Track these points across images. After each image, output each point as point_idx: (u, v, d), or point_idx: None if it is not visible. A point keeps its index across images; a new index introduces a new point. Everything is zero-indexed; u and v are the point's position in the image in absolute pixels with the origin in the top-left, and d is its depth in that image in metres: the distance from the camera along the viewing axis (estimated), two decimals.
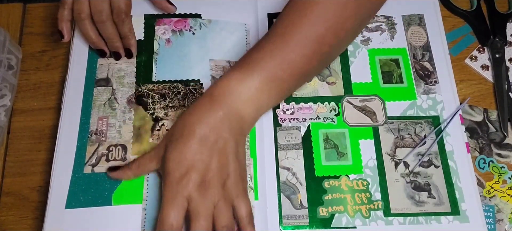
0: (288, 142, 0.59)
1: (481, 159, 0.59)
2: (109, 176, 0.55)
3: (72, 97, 0.60)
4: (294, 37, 0.51)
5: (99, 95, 0.60)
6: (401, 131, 0.59)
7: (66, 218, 0.53)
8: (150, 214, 0.53)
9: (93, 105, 0.59)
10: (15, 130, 0.61)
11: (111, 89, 0.60)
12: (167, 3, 0.64)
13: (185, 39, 0.63)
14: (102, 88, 0.60)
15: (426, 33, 0.65)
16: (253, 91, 0.52)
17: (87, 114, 0.59)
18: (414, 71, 0.63)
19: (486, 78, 0.65)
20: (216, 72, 0.61)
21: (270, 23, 0.65)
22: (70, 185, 0.55)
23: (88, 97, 0.60)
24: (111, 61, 0.62)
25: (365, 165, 0.57)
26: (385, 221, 0.55)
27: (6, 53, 0.61)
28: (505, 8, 0.69)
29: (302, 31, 0.51)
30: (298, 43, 0.51)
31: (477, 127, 0.62)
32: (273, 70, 0.52)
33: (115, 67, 0.61)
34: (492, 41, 0.66)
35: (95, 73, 0.61)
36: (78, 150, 0.57)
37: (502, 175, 0.58)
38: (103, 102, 0.59)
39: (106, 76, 0.61)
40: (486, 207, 0.57)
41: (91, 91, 0.60)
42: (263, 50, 0.52)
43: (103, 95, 0.60)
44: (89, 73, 0.61)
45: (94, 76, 0.61)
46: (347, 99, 0.61)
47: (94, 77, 0.61)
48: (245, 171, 0.53)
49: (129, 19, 0.60)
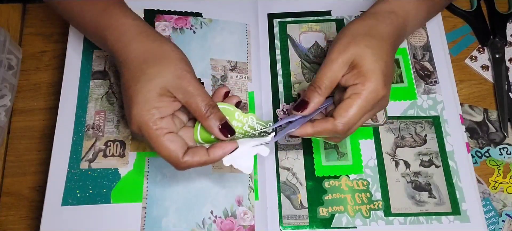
0: (288, 142, 0.59)
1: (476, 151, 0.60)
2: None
3: (68, 90, 0.59)
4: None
5: (95, 89, 0.59)
6: (402, 130, 0.59)
7: (63, 215, 0.53)
8: (150, 213, 0.53)
9: (89, 99, 0.58)
10: (15, 130, 0.61)
11: (109, 83, 0.60)
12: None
13: (185, 37, 0.63)
14: (99, 82, 0.60)
15: (426, 33, 0.65)
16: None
17: (83, 107, 0.58)
18: (414, 71, 0.63)
19: (486, 78, 0.65)
20: (217, 71, 0.61)
21: (270, 23, 0.65)
22: (66, 181, 0.54)
23: (84, 90, 0.59)
24: (107, 53, 0.60)
25: (365, 165, 0.57)
26: (386, 221, 0.55)
27: (6, 53, 0.61)
28: (505, 8, 0.69)
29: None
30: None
31: (477, 127, 0.62)
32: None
33: (112, 60, 0.61)
34: (492, 41, 0.66)
35: (91, 65, 0.60)
36: (74, 144, 0.56)
37: (500, 166, 0.58)
38: (100, 96, 0.59)
39: (103, 68, 0.60)
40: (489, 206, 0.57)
41: (87, 83, 0.59)
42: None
43: (100, 88, 0.59)
44: (84, 64, 0.60)
45: (90, 68, 0.60)
46: None
47: (90, 69, 0.60)
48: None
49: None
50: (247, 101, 0.60)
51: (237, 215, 0.54)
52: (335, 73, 0.48)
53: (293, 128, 0.49)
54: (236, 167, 0.48)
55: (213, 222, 0.53)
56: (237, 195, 0.55)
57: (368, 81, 0.47)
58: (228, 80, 0.61)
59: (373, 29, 0.50)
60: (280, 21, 0.66)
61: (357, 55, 0.48)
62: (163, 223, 0.53)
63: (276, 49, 0.64)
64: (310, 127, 0.48)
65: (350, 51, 0.48)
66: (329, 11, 0.66)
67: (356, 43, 0.48)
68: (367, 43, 0.48)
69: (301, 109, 0.49)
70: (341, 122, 0.47)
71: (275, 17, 0.66)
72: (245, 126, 0.50)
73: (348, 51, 0.48)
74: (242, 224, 0.54)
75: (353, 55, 0.48)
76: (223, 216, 0.54)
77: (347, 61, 0.48)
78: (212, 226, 0.53)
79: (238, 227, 0.54)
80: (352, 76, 0.48)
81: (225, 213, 0.54)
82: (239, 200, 0.55)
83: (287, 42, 0.64)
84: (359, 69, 0.48)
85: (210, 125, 0.48)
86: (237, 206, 0.55)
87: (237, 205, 0.55)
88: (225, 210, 0.54)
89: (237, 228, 0.54)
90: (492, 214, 0.57)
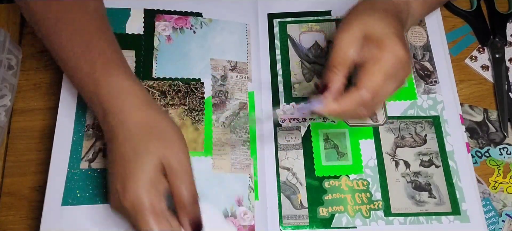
0: (288, 142, 0.59)
1: (476, 151, 0.60)
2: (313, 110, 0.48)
3: (68, 90, 0.59)
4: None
5: None
6: (402, 130, 0.59)
7: (63, 215, 0.53)
8: None
9: None
10: (15, 130, 0.61)
11: None
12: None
13: (185, 37, 0.63)
14: None
15: (426, 33, 0.65)
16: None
17: (83, 107, 0.58)
18: (415, 71, 0.63)
19: (486, 78, 0.65)
20: (217, 71, 0.61)
21: (270, 23, 0.65)
22: (66, 181, 0.54)
23: None
24: None
25: (365, 165, 0.57)
26: (386, 221, 0.55)
27: (6, 53, 0.61)
28: (505, 8, 0.69)
29: None
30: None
31: (477, 127, 0.62)
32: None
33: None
34: (492, 41, 0.66)
35: None
36: (74, 144, 0.56)
37: (500, 166, 0.58)
38: None
39: None
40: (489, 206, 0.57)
41: None
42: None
43: None
44: None
45: None
46: None
47: None
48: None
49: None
50: (247, 101, 0.60)
51: (237, 215, 0.54)
52: (344, 48, 0.46)
53: (315, 105, 0.46)
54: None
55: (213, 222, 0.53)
56: (237, 195, 0.55)
57: (385, 45, 0.45)
58: (228, 80, 0.61)
59: (374, 5, 0.49)
60: (280, 21, 0.66)
61: (366, 28, 0.46)
62: None
63: (276, 49, 0.64)
64: (335, 103, 0.46)
65: (356, 26, 0.47)
66: (329, 11, 0.66)
67: (360, 18, 0.47)
68: (372, 15, 0.47)
69: (323, 93, 0.47)
70: (367, 88, 0.45)
71: (275, 17, 0.66)
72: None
73: (353, 25, 0.47)
74: (242, 224, 0.54)
75: (360, 29, 0.46)
76: (223, 216, 0.54)
77: (355, 35, 0.46)
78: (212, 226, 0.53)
79: (238, 227, 0.54)
80: (368, 49, 0.46)
81: (225, 213, 0.54)
82: (239, 200, 0.55)
83: (287, 42, 0.64)
84: (372, 38, 0.46)
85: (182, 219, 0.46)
86: (237, 206, 0.55)
87: (237, 205, 0.55)
88: (225, 210, 0.54)
89: (237, 228, 0.54)
90: (492, 214, 0.57)
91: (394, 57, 0.45)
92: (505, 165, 0.59)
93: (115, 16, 0.62)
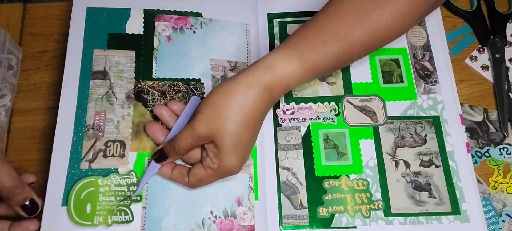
0: (288, 142, 0.59)
1: (476, 151, 0.60)
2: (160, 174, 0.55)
3: (68, 90, 0.58)
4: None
5: (96, 89, 0.59)
6: (402, 130, 0.59)
7: (63, 215, 0.53)
8: (150, 213, 0.53)
9: (89, 99, 0.58)
10: (15, 130, 0.61)
11: (109, 83, 0.60)
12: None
13: (185, 37, 0.63)
14: (99, 82, 0.59)
15: (426, 33, 0.65)
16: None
17: (83, 107, 0.58)
18: (415, 71, 0.63)
19: (486, 78, 0.65)
20: (217, 71, 0.61)
21: (270, 23, 0.65)
22: (66, 181, 0.54)
23: (84, 90, 0.58)
24: (108, 53, 0.61)
25: (365, 165, 0.57)
26: (386, 221, 0.55)
27: (6, 53, 0.61)
28: (505, 8, 0.69)
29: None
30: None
31: (477, 127, 0.62)
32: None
33: (112, 60, 0.60)
34: (492, 41, 0.66)
35: (91, 65, 0.60)
36: (74, 144, 0.56)
37: (500, 166, 0.58)
38: (100, 96, 0.59)
39: (103, 69, 0.60)
40: (489, 206, 0.57)
41: (87, 83, 0.59)
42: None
43: (100, 88, 0.59)
44: (84, 64, 0.60)
45: (90, 68, 0.60)
46: (347, 99, 0.61)
47: (90, 69, 0.60)
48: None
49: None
50: None
51: (237, 215, 0.54)
52: (195, 142, 0.51)
53: (153, 169, 0.54)
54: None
55: (213, 222, 0.53)
56: (237, 195, 0.55)
57: (224, 163, 0.50)
58: None
59: (235, 98, 0.50)
60: (280, 21, 0.66)
61: (218, 134, 0.49)
62: (163, 223, 0.53)
63: None
64: (169, 171, 0.54)
65: (213, 127, 0.49)
66: None
67: (218, 120, 0.49)
68: (228, 119, 0.49)
69: (160, 161, 0.53)
70: (192, 183, 0.53)
71: (275, 17, 0.66)
72: (112, 187, 0.54)
73: (211, 126, 0.49)
74: (242, 224, 0.54)
75: (213, 133, 0.49)
76: (223, 216, 0.54)
77: (208, 135, 0.49)
78: (212, 226, 0.53)
79: (238, 227, 0.54)
80: (211, 152, 0.51)
81: (225, 213, 0.54)
82: (239, 200, 0.55)
83: None
84: (215, 144, 0.50)
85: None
86: (237, 206, 0.55)
87: (237, 205, 0.55)
88: (225, 210, 0.54)
89: (237, 228, 0.54)
90: (492, 214, 0.57)
91: (226, 171, 0.51)
92: (505, 165, 0.59)
93: (115, 16, 0.62)
